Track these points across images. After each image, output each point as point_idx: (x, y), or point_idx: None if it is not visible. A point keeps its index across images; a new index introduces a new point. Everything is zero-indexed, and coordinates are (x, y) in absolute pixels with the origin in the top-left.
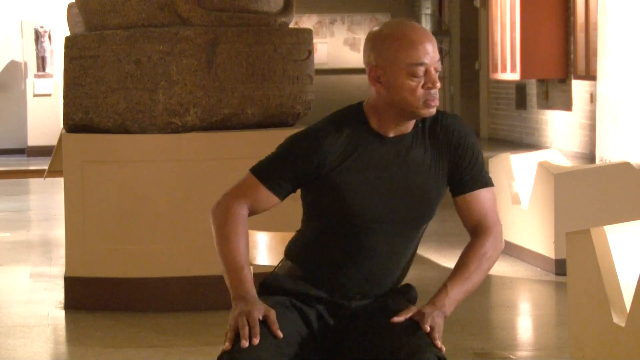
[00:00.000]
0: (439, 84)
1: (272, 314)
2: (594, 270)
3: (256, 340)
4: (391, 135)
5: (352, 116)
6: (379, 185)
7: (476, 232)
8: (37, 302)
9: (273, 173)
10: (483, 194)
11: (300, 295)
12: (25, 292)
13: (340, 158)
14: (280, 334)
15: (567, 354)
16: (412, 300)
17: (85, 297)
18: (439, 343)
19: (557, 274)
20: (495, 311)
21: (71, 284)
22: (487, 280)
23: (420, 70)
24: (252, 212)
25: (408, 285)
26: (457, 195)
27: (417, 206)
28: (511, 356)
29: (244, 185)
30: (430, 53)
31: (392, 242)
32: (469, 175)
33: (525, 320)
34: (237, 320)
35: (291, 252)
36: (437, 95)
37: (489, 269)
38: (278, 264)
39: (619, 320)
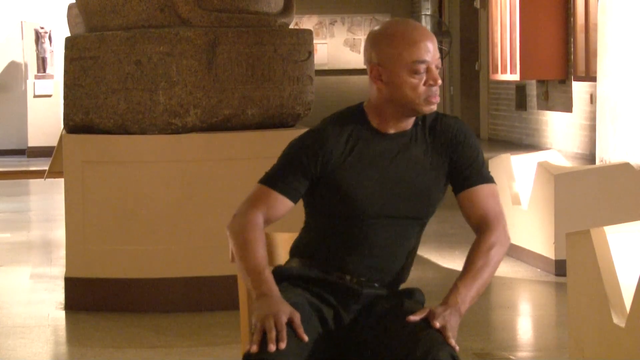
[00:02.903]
0: (439, 81)
1: (298, 317)
2: (594, 270)
3: (283, 345)
4: (391, 131)
5: (353, 115)
6: (380, 181)
7: (481, 228)
8: (37, 302)
9: (282, 177)
10: (484, 189)
11: (311, 281)
12: (25, 293)
13: (343, 156)
14: (306, 338)
15: (567, 355)
16: (420, 302)
17: (86, 297)
18: (452, 342)
19: (557, 274)
20: (496, 312)
21: (71, 284)
22: None
23: (422, 67)
24: (267, 221)
25: (415, 289)
26: (459, 191)
27: (416, 203)
28: (511, 357)
29: (255, 196)
30: (431, 51)
31: (392, 237)
32: (469, 171)
33: (525, 320)
34: (264, 322)
35: (297, 250)
36: (438, 92)
37: (498, 262)
38: (285, 263)
39: (618, 320)
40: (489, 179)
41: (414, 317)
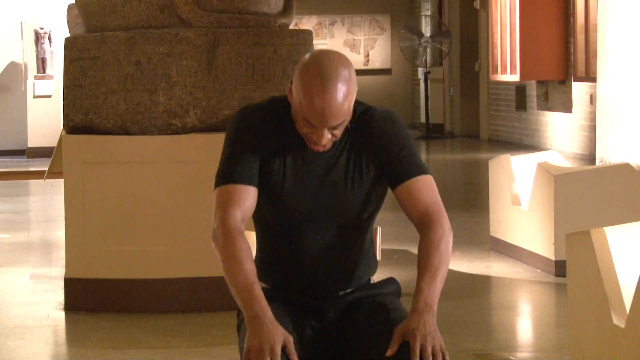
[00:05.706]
0: (326, 144)
1: (291, 342)
2: (593, 271)
3: None
4: None
5: (282, 111)
6: (303, 184)
7: (424, 224)
8: (37, 303)
9: (233, 169)
10: (421, 181)
11: (280, 301)
12: (25, 294)
13: (268, 156)
14: None
15: (567, 355)
16: (396, 295)
17: (85, 298)
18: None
19: (557, 275)
20: (495, 312)
21: (71, 285)
22: (487, 281)
23: (309, 124)
24: (244, 218)
25: (390, 280)
26: (396, 186)
27: (338, 204)
28: (511, 357)
29: (221, 200)
30: (322, 119)
31: (326, 239)
32: (401, 164)
33: (525, 321)
34: (258, 354)
35: (257, 263)
36: (325, 145)
37: (450, 254)
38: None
39: (618, 321)
40: (424, 170)
41: (392, 351)
